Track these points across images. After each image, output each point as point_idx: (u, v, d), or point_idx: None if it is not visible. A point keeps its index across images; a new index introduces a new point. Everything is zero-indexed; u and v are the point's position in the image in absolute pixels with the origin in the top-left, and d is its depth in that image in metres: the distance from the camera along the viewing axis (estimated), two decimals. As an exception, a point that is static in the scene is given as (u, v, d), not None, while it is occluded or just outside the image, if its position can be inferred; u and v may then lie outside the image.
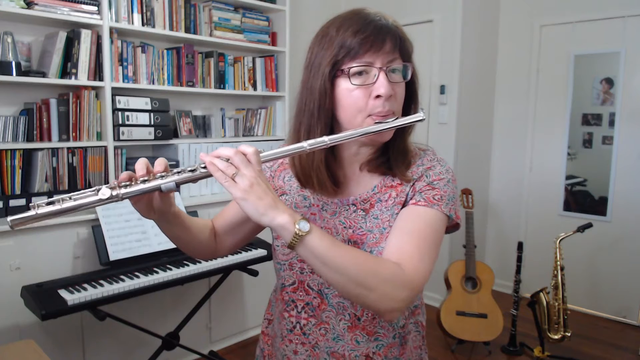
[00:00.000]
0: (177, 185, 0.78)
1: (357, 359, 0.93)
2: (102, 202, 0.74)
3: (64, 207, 0.72)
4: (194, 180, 0.79)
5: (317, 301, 0.94)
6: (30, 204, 0.72)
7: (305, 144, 0.81)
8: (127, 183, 0.77)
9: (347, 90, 0.86)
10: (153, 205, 0.83)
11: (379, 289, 0.78)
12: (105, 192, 0.74)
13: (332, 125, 0.90)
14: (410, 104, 0.93)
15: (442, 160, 0.96)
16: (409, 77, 0.89)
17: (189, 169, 0.78)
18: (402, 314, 0.96)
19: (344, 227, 0.93)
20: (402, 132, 0.92)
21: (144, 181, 0.77)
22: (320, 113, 0.87)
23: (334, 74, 0.86)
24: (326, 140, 0.82)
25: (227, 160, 0.77)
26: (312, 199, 0.97)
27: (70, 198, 0.74)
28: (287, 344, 0.98)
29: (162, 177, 0.78)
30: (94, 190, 0.75)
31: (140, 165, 0.79)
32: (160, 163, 0.80)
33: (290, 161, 0.96)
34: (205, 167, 0.78)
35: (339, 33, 0.85)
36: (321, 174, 0.90)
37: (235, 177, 0.75)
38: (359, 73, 0.85)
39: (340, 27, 0.86)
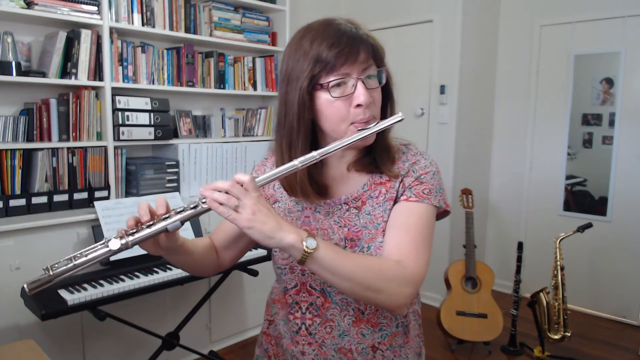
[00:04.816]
0: (182, 223, 0.82)
1: (364, 351, 0.96)
2: (113, 253, 0.78)
3: (77, 263, 0.77)
4: (197, 215, 0.82)
5: (320, 300, 0.97)
6: (43, 267, 0.76)
7: (297, 162, 0.84)
8: (134, 230, 0.81)
9: (328, 102, 0.88)
10: (160, 244, 0.87)
11: (386, 290, 0.84)
12: (114, 243, 0.78)
13: (314, 134, 0.93)
14: (387, 105, 0.96)
15: (424, 153, 1.00)
16: (384, 81, 0.92)
17: (191, 206, 0.82)
18: (408, 308, 0.99)
19: (339, 226, 0.96)
20: (383, 132, 0.94)
21: (149, 225, 0.81)
22: (300, 125, 0.90)
23: (312, 86, 0.88)
24: (315, 155, 0.84)
25: (226, 192, 0.79)
26: (304, 203, 0.99)
27: (82, 254, 0.78)
28: (294, 345, 1.00)
29: (165, 218, 0.81)
30: (103, 243, 0.79)
31: (144, 210, 0.82)
32: (161, 205, 0.83)
33: None
34: (206, 202, 0.81)
35: (313, 46, 0.87)
36: (304, 186, 0.93)
37: (237, 208, 0.78)
38: (337, 84, 0.87)
39: (313, 40, 0.87)
